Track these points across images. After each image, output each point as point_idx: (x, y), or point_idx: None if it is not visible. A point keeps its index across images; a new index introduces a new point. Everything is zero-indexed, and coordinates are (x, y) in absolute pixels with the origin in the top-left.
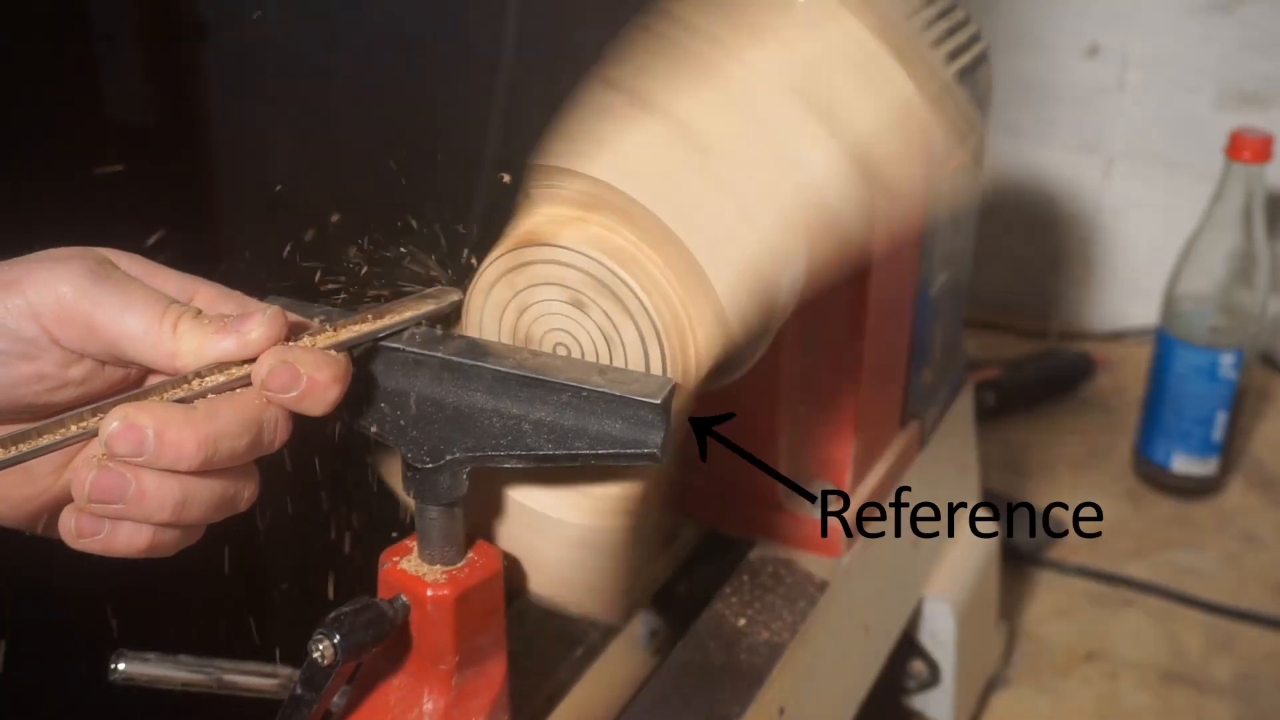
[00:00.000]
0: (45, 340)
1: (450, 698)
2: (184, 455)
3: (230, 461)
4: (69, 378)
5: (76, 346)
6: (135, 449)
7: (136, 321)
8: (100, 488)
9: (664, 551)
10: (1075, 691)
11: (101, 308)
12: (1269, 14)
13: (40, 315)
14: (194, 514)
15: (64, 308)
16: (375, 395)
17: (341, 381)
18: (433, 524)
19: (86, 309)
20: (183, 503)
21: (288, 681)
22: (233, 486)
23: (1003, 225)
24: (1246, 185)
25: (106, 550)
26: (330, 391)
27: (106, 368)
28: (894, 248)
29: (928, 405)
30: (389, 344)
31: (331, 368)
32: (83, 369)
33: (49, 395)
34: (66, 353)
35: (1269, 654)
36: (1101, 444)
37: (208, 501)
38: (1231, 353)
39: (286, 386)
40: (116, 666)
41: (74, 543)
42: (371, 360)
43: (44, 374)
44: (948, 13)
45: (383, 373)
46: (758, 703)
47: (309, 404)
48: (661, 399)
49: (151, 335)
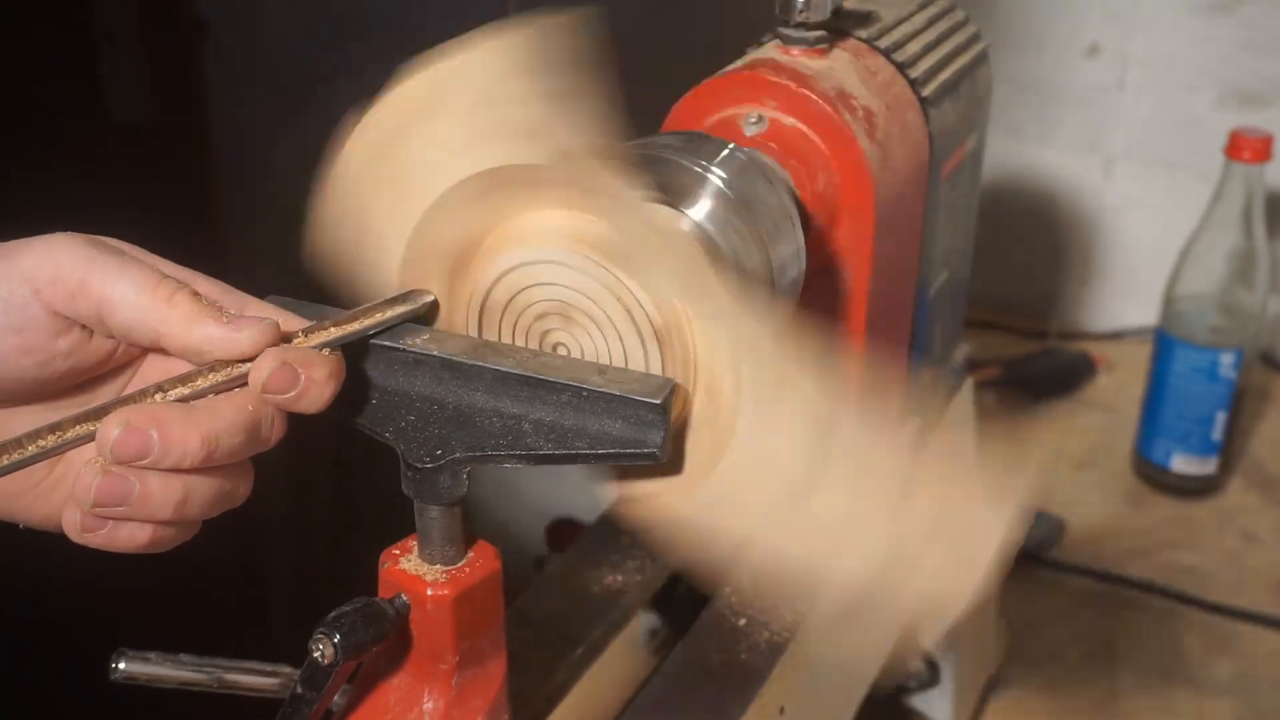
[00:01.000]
0: (36, 307)
1: (450, 697)
2: (188, 453)
3: (229, 458)
4: (57, 349)
5: (66, 309)
6: (140, 452)
7: (129, 288)
8: (105, 492)
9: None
10: (1075, 691)
11: (96, 271)
12: (1269, 14)
13: (33, 278)
14: (195, 510)
15: (60, 270)
16: (375, 395)
17: (336, 379)
18: (433, 523)
19: (81, 269)
20: (185, 500)
21: (288, 681)
22: (230, 482)
23: (1003, 225)
24: (1246, 185)
25: (108, 546)
26: (326, 390)
27: (94, 339)
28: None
29: (928, 405)
30: (389, 344)
31: (326, 366)
32: (70, 340)
33: (36, 370)
34: (55, 320)
35: (1269, 654)
36: (1101, 444)
37: (208, 498)
38: (1231, 353)
39: (286, 388)
40: (116, 666)
41: (77, 538)
42: (372, 360)
43: (31, 346)
44: (948, 13)
45: (383, 372)
46: (758, 703)
47: (305, 403)
48: (661, 399)
49: (143, 302)
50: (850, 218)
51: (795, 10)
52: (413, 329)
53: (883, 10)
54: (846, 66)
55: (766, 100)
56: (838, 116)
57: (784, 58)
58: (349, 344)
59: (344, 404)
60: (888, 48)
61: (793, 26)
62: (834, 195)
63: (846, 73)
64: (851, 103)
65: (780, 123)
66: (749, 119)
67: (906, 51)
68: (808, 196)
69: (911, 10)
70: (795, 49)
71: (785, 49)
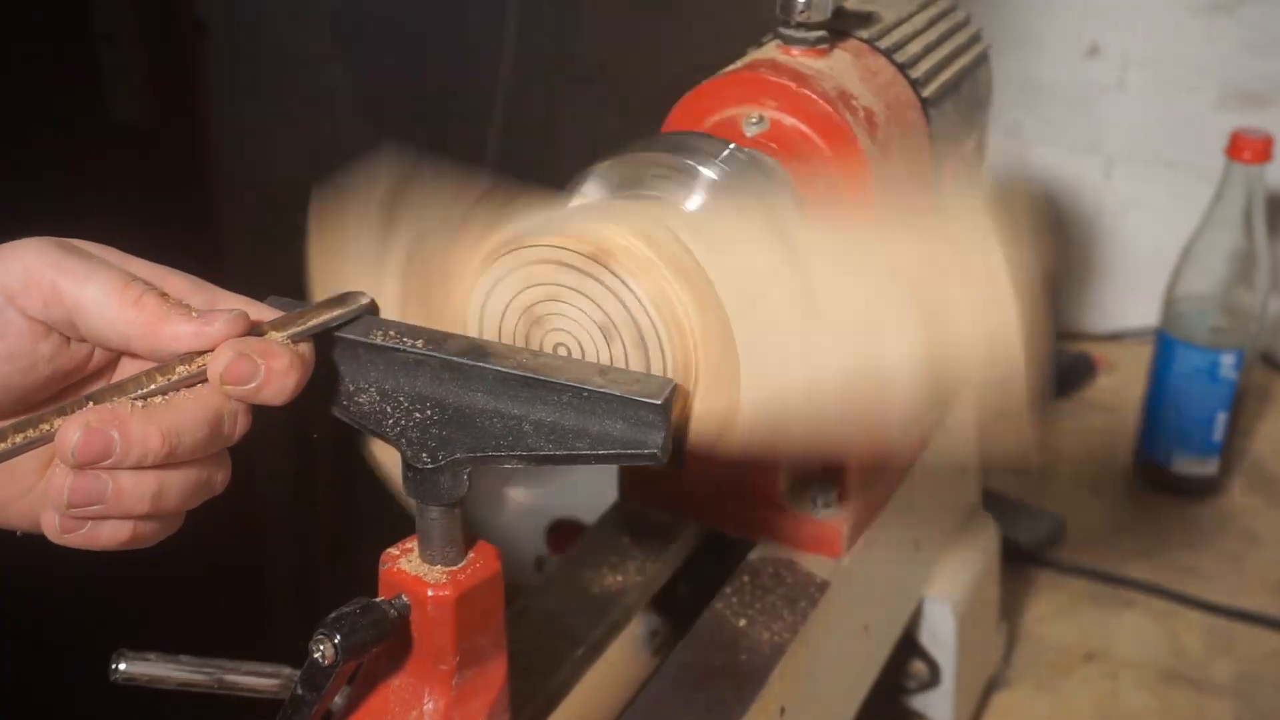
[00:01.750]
0: (11, 313)
1: (451, 698)
2: (150, 451)
3: (193, 454)
4: (39, 354)
5: (40, 315)
6: (103, 453)
7: (97, 291)
8: (78, 493)
9: (664, 551)
10: (1075, 691)
11: (65, 275)
12: (1269, 14)
13: (5, 286)
14: (171, 503)
15: (30, 275)
16: (375, 395)
17: (298, 370)
18: (433, 524)
19: (50, 275)
20: (159, 493)
21: (288, 681)
22: (205, 472)
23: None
24: (1247, 185)
25: (90, 545)
26: (288, 380)
27: (72, 344)
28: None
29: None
30: (389, 344)
31: (286, 356)
32: (50, 345)
33: (22, 376)
34: (33, 325)
35: (1269, 654)
36: (1102, 444)
37: (183, 489)
38: (1232, 353)
39: (245, 378)
40: (116, 666)
41: (58, 539)
42: (372, 361)
43: (14, 352)
44: (948, 13)
45: (384, 373)
46: (758, 703)
47: (268, 394)
48: (662, 399)
49: (112, 306)
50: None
51: (796, 10)
52: (413, 329)
53: (883, 10)
54: (847, 67)
55: (767, 100)
56: (838, 117)
57: (784, 58)
58: (348, 345)
59: (345, 404)
60: (888, 48)
61: (793, 26)
62: (835, 196)
63: (847, 73)
64: (852, 103)
65: (781, 123)
66: (750, 119)
67: (907, 52)
68: (808, 197)
69: (912, 10)
70: (796, 49)
71: (786, 49)
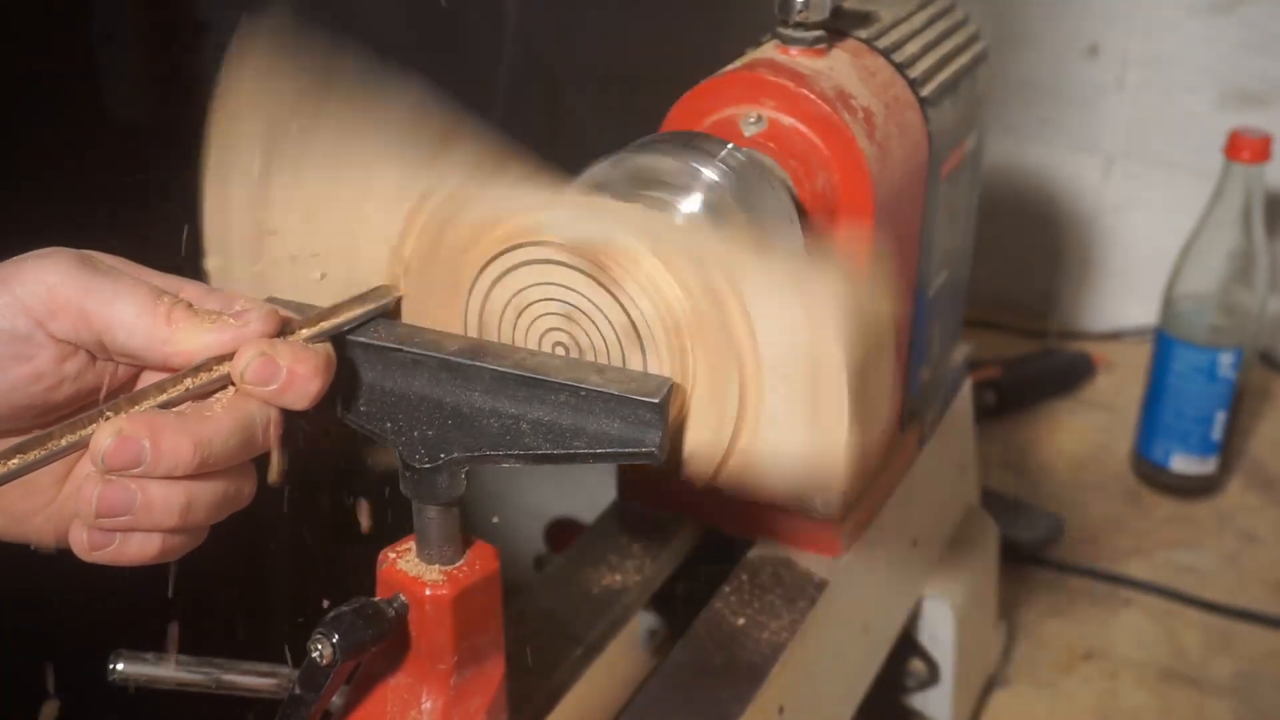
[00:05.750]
0: (40, 335)
1: (449, 697)
2: (181, 460)
3: (225, 462)
4: (65, 373)
5: (69, 336)
6: (133, 460)
7: (128, 308)
8: (107, 502)
9: (663, 550)
10: (1075, 691)
11: (92, 294)
12: (1269, 14)
13: (31, 309)
14: (199, 516)
15: (54, 297)
16: (373, 395)
17: (323, 374)
18: (431, 524)
19: (78, 297)
20: (188, 506)
21: (286, 681)
22: (233, 484)
23: (1002, 225)
24: (1246, 185)
25: (118, 561)
26: (312, 384)
27: (98, 362)
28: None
29: (927, 404)
30: (388, 344)
31: (312, 360)
32: (76, 363)
33: (46, 395)
34: (60, 345)
35: (1269, 653)
36: (1101, 444)
37: (211, 502)
38: (1231, 352)
39: (266, 380)
40: (115, 666)
41: (86, 556)
42: (370, 360)
43: (41, 373)
44: (946, 12)
45: (381, 373)
46: (757, 702)
47: (290, 398)
48: (659, 398)
49: (145, 323)
50: (849, 218)
51: (794, 10)
52: (411, 329)
53: (882, 10)
54: (845, 66)
55: (765, 100)
56: (837, 116)
57: (783, 58)
58: (349, 346)
59: (343, 404)
60: (887, 48)
61: (792, 26)
62: (833, 195)
63: (845, 73)
64: (850, 103)
65: (779, 123)
66: (748, 119)
67: (905, 51)
68: (806, 196)
69: (911, 10)
70: (794, 49)
71: (784, 49)
